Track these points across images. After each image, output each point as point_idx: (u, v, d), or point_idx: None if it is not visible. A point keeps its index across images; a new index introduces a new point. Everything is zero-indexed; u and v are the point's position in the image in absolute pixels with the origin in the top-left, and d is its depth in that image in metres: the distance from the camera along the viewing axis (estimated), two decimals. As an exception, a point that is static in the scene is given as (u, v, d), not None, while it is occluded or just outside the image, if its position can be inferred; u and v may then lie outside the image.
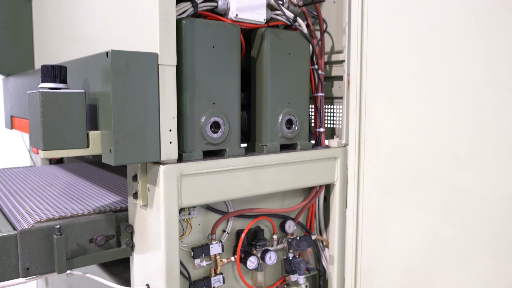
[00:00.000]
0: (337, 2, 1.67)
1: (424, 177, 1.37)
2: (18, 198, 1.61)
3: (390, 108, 1.44)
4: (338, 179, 1.61)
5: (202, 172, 1.27)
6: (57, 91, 1.11)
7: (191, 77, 1.26)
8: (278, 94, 1.45)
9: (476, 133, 1.23)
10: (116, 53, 1.09)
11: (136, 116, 1.14)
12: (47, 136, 1.10)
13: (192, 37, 1.25)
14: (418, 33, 1.34)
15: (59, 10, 1.87)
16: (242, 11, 1.37)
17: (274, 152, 1.45)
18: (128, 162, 1.14)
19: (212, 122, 1.31)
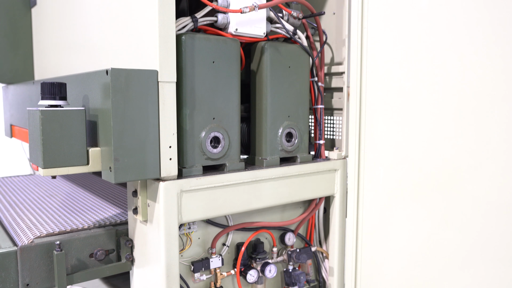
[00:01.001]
0: (337, 13, 1.66)
1: (424, 189, 1.37)
2: (18, 210, 1.61)
3: (390, 120, 1.44)
4: (338, 191, 1.61)
5: (202, 188, 1.27)
6: (57, 109, 1.10)
7: (191, 93, 1.26)
8: (278, 107, 1.45)
9: (477, 146, 1.23)
10: (115, 71, 1.09)
11: (136, 134, 1.14)
12: (47, 154, 1.10)
13: (192, 53, 1.25)
14: (418, 45, 1.34)
15: (58, 19, 1.87)
16: (242, 25, 1.37)
17: (274, 165, 1.45)
18: (128, 180, 1.14)
19: (212, 137, 1.31)
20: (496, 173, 1.20)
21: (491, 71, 1.18)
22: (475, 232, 1.24)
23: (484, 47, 1.19)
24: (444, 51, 1.28)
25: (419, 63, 1.35)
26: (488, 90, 1.19)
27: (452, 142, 1.28)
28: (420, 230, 1.39)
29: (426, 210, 1.37)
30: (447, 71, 1.27)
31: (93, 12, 1.51)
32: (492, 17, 1.17)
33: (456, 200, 1.28)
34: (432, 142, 1.33)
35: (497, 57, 1.17)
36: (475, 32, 1.21)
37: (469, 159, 1.25)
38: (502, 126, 1.17)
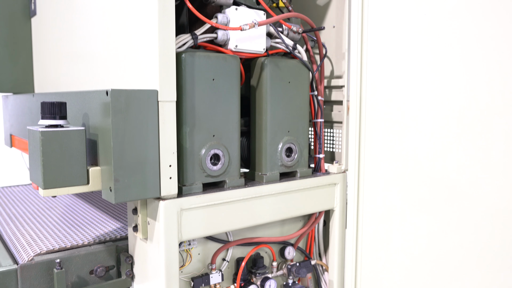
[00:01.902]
0: (337, 27, 1.67)
1: (424, 204, 1.37)
2: (17, 224, 1.61)
3: (390, 134, 1.45)
4: (337, 204, 1.61)
5: (202, 206, 1.27)
6: (57, 130, 1.11)
7: (191, 111, 1.26)
8: (278, 123, 1.46)
9: (476, 161, 1.23)
10: (116, 92, 1.09)
11: (136, 154, 1.14)
12: (47, 175, 1.10)
13: (192, 71, 1.25)
14: (419, 59, 1.35)
15: (58, 29, 1.86)
16: (242, 41, 1.37)
17: (273, 181, 1.45)
18: (128, 200, 1.14)
19: (212, 154, 1.31)
20: (497, 188, 1.20)
21: (493, 87, 1.19)
22: (475, 244, 1.25)
23: (485, 64, 1.19)
24: (446, 65, 1.28)
25: (419, 77, 1.35)
26: (491, 105, 1.19)
27: (453, 156, 1.28)
28: (420, 244, 1.39)
29: (426, 223, 1.37)
30: (448, 84, 1.27)
31: (93, 26, 1.51)
32: (496, 32, 1.18)
33: (456, 213, 1.29)
34: (432, 156, 1.33)
35: (498, 73, 1.17)
36: (478, 47, 1.21)
37: (469, 173, 1.25)
38: (502, 143, 1.17)
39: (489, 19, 1.18)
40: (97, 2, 1.45)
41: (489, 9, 1.18)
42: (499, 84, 1.17)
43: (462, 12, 1.24)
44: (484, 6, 1.19)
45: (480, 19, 1.20)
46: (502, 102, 1.17)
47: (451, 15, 1.26)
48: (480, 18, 1.20)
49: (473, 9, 1.21)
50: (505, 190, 1.18)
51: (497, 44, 1.17)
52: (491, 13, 1.18)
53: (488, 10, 1.18)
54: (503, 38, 1.15)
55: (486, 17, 1.19)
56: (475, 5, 1.21)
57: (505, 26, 1.15)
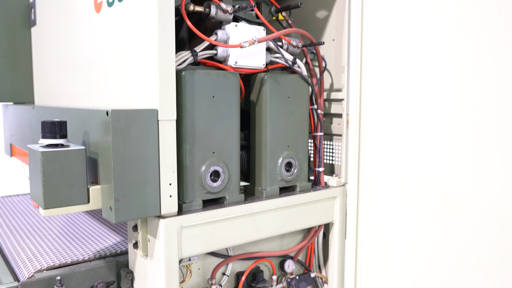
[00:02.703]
0: (336, 40, 1.67)
1: (423, 217, 1.38)
2: (17, 237, 1.61)
3: (390, 148, 1.45)
4: (337, 218, 1.62)
5: (202, 223, 1.28)
6: (57, 150, 1.11)
7: (191, 129, 1.26)
8: (278, 138, 1.46)
9: (476, 175, 1.24)
10: (116, 112, 1.10)
11: (136, 173, 1.14)
12: (47, 195, 1.10)
13: (192, 89, 1.26)
14: (418, 75, 1.35)
15: (58, 39, 1.87)
16: (242, 58, 1.38)
17: (273, 196, 1.46)
18: (128, 219, 1.15)
19: (212, 171, 1.32)
20: (496, 202, 1.20)
21: (492, 101, 1.19)
22: (476, 256, 1.25)
23: (484, 78, 1.20)
24: (446, 79, 1.28)
25: (419, 91, 1.35)
26: (491, 119, 1.20)
27: (453, 169, 1.29)
28: (419, 256, 1.40)
29: (426, 236, 1.38)
30: (448, 100, 1.28)
31: (93, 40, 1.52)
32: (498, 44, 1.18)
33: (456, 225, 1.29)
34: (432, 170, 1.34)
35: (497, 88, 1.18)
36: (480, 61, 1.21)
37: (470, 186, 1.26)
38: (501, 157, 1.18)
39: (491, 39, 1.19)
40: (97, 18, 1.45)
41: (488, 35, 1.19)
42: (501, 99, 1.18)
43: (462, 32, 1.24)
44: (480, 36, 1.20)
45: (483, 40, 1.20)
46: (503, 116, 1.17)
47: (450, 32, 1.27)
48: (482, 39, 1.21)
49: (473, 27, 1.22)
50: (506, 200, 1.19)
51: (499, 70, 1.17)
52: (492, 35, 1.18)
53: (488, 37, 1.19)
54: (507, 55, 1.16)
55: (487, 37, 1.19)
56: (474, 25, 1.21)
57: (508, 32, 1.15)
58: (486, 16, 1.19)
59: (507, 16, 1.15)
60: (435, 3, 1.30)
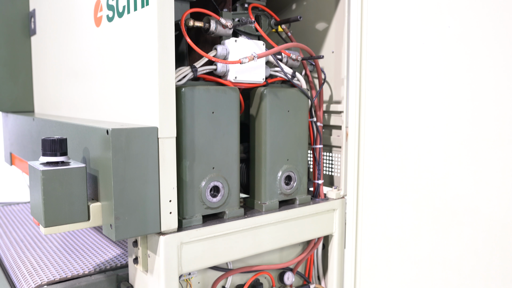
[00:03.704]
0: (336, 52, 1.67)
1: (422, 231, 1.39)
2: (18, 250, 1.61)
3: (389, 161, 1.46)
4: (336, 230, 1.62)
5: (202, 238, 1.28)
6: (58, 168, 1.11)
7: (191, 145, 1.27)
8: (277, 152, 1.46)
9: (474, 189, 1.24)
10: (116, 131, 1.10)
11: (136, 191, 1.15)
12: (48, 213, 1.11)
13: (192, 105, 1.26)
14: (417, 88, 1.35)
15: (58, 49, 1.87)
16: (241, 73, 1.38)
17: (273, 209, 1.46)
18: (129, 237, 1.15)
19: (212, 186, 1.32)
20: (493, 216, 1.21)
21: (490, 116, 1.20)
22: (475, 268, 1.26)
23: (482, 92, 1.21)
24: (444, 91, 1.29)
25: (418, 104, 1.36)
26: (490, 133, 1.20)
27: (450, 185, 1.29)
28: (419, 269, 1.40)
29: (424, 251, 1.39)
30: (447, 114, 1.28)
31: (93, 52, 1.52)
32: (499, 55, 1.19)
33: (456, 239, 1.30)
34: (430, 184, 1.35)
35: (496, 103, 1.19)
36: (478, 75, 1.22)
37: (466, 202, 1.26)
38: (499, 171, 1.18)
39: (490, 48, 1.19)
40: (97, 32, 1.45)
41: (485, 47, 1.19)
42: (500, 111, 1.18)
43: (460, 46, 1.25)
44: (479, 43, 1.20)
45: (482, 49, 1.21)
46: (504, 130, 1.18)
47: (449, 46, 1.27)
48: (481, 48, 1.21)
49: (471, 38, 1.22)
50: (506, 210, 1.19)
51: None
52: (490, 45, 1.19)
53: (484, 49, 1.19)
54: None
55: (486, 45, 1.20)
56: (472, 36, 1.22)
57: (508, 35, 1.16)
58: (485, 30, 1.19)
59: (504, 29, 1.16)
60: (434, 17, 1.31)
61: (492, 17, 1.18)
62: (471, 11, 1.22)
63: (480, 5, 1.20)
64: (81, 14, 1.57)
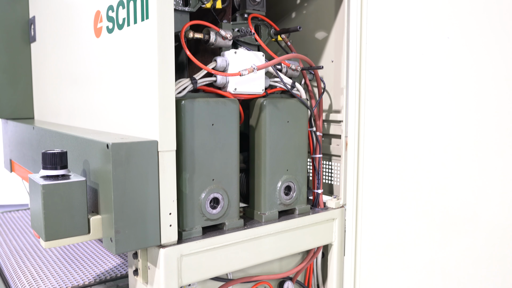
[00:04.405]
0: (335, 61, 1.68)
1: (421, 240, 1.39)
2: (18, 259, 1.62)
3: (389, 170, 1.46)
4: (335, 239, 1.63)
5: (202, 250, 1.29)
6: (58, 183, 1.12)
7: (191, 157, 1.27)
8: (277, 162, 1.47)
9: (474, 198, 1.25)
10: (116, 146, 1.10)
11: (136, 204, 1.15)
12: (48, 227, 1.11)
13: (192, 117, 1.26)
14: (417, 98, 1.36)
15: (58, 56, 1.87)
16: (241, 84, 1.39)
17: (272, 220, 1.47)
18: (129, 250, 1.16)
19: (212, 198, 1.33)
20: (492, 226, 1.22)
21: (487, 126, 1.20)
22: (475, 277, 1.26)
23: (481, 103, 1.21)
24: (444, 101, 1.29)
25: (417, 114, 1.36)
26: (488, 142, 1.21)
27: (452, 191, 1.30)
28: (417, 280, 1.41)
29: (423, 260, 1.39)
30: (445, 125, 1.28)
31: (93, 62, 1.52)
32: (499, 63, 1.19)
33: (456, 248, 1.30)
34: (430, 193, 1.35)
35: (493, 116, 1.19)
36: (480, 85, 1.22)
37: (465, 211, 1.27)
38: (498, 180, 1.19)
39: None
40: (97, 42, 1.46)
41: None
42: (501, 123, 1.19)
43: (460, 56, 1.25)
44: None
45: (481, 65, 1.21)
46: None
47: (448, 55, 1.28)
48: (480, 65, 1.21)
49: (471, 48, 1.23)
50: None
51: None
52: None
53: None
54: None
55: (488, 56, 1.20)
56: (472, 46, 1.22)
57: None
58: (484, 41, 1.20)
59: (503, 40, 1.16)
60: (433, 28, 1.31)
61: (491, 28, 1.18)
62: (470, 22, 1.23)
63: (479, 16, 1.21)
64: (81, 24, 1.57)
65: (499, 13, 1.17)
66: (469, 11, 1.23)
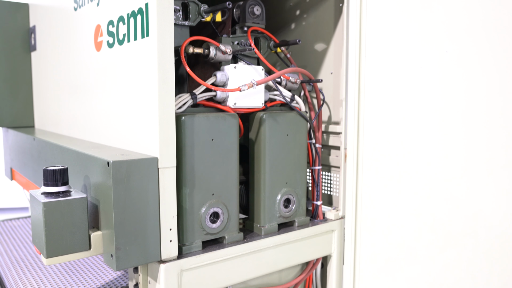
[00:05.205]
0: (335, 73, 1.69)
1: (419, 253, 1.40)
2: (18, 269, 1.63)
3: (388, 183, 1.47)
4: (335, 250, 1.64)
5: (202, 265, 1.29)
6: (59, 200, 1.12)
7: (191, 172, 1.28)
8: (276, 176, 1.48)
9: (471, 213, 1.26)
10: (117, 164, 1.11)
11: (137, 221, 1.16)
12: (49, 244, 1.12)
13: (192, 133, 1.27)
14: (415, 110, 1.37)
15: (59, 66, 1.88)
16: (241, 99, 1.39)
17: (272, 232, 1.47)
18: (129, 266, 1.17)
19: (212, 212, 1.34)
20: (490, 240, 1.22)
21: (484, 140, 1.21)
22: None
23: (480, 112, 1.22)
24: (443, 112, 1.30)
25: (417, 127, 1.37)
26: (487, 157, 1.22)
27: (447, 208, 1.31)
28: (416, 294, 1.42)
29: (421, 273, 1.40)
30: (446, 133, 1.29)
31: (93, 74, 1.53)
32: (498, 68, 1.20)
33: (450, 265, 1.31)
34: (428, 207, 1.36)
35: (491, 128, 1.20)
36: (477, 101, 1.23)
37: (462, 226, 1.28)
38: (496, 196, 1.20)
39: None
40: (97, 56, 1.46)
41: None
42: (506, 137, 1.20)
43: (457, 70, 1.26)
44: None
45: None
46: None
47: (446, 69, 1.28)
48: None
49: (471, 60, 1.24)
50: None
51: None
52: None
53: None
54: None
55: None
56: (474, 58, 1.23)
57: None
58: (482, 55, 1.21)
59: (501, 56, 1.17)
60: (432, 42, 1.32)
61: (490, 42, 1.19)
62: (469, 37, 1.23)
63: (477, 31, 1.21)
64: (82, 37, 1.58)
65: (495, 29, 1.18)
66: (467, 26, 1.24)
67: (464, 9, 1.24)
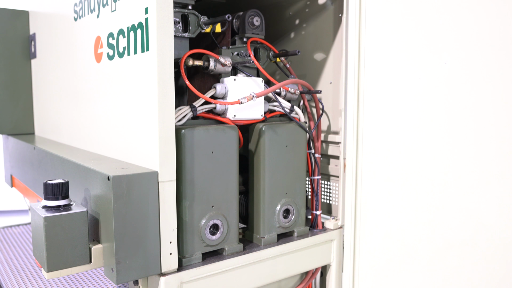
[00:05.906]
0: (334, 83, 1.69)
1: (419, 262, 1.41)
2: (19, 279, 1.63)
3: (387, 192, 1.47)
4: (334, 260, 1.64)
5: (202, 277, 1.30)
6: (60, 214, 1.13)
7: (190, 185, 1.29)
8: (276, 186, 1.48)
9: (470, 222, 1.26)
10: (117, 178, 1.12)
11: (137, 235, 1.16)
12: (50, 258, 1.13)
13: (191, 146, 1.28)
14: (414, 120, 1.37)
15: (59, 75, 1.89)
16: (240, 111, 1.40)
17: (271, 243, 1.48)
18: (130, 280, 1.17)
19: (211, 224, 1.34)
20: (489, 249, 1.23)
21: (483, 147, 1.22)
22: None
23: (479, 116, 1.23)
24: (441, 124, 1.30)
25: (416, 138, 1.37)
26: (486, 165, 1.22)
27: (447, 218, 1.31)
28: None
29: (421, 283, 1.41)
30: (445, 145, 1.30)
31: (93, 85, 1.53)
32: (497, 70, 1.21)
33: (450, 274, 1.32)
34: (427, 216, 1.36)
35: (489, 134, 1.21)
36: (477, 112, 1.24)
37: (462, 235, 1.28)
38: (495, 205, 1.20)
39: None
40: (97, 68, 1.47)
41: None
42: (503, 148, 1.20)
43: (456, 82, 1.27)
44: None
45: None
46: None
47: (445, 80, 1.29)
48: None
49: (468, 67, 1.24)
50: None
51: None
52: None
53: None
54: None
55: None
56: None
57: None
58: (481, 66, 1.21)
59: (499, 67, 1.18)
60: (431, 53, 1.32)
61: (489, 54, 1.20)
62: (467, 48, 1.24)
63: (476, 42, 1.22)
64: (82, 47, 1.59)
65: (491, 41, 1.18)
66: (467, 37, 1.24)
67: (462, 20, 1.25)
